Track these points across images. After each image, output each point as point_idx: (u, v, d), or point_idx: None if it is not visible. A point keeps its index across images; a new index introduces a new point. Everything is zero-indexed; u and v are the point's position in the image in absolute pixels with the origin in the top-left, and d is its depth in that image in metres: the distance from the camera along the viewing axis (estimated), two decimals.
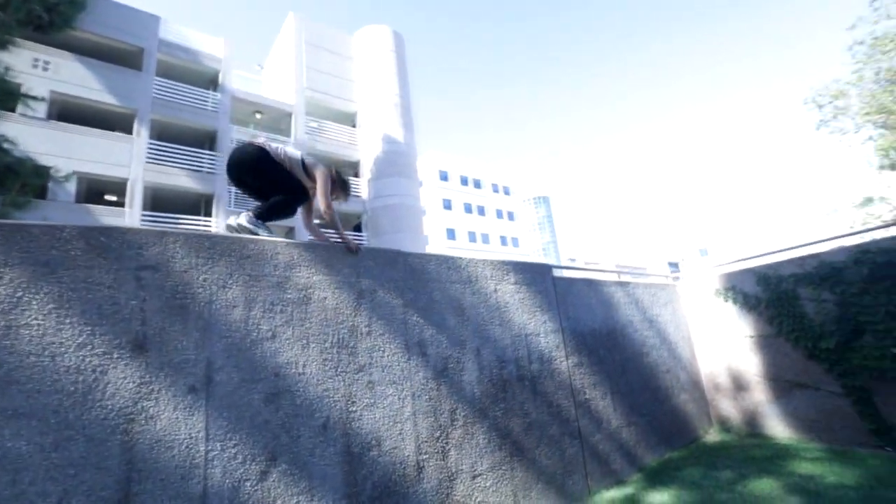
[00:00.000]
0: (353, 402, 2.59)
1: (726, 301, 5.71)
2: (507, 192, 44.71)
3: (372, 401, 2.66)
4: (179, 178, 13.39)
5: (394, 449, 2.66)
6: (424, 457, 2.79)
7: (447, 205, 34.90)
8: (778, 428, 5.14)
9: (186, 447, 2.02)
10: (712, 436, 5.35)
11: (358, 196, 16.30)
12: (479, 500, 2.97)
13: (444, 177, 35.70)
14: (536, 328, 3.86)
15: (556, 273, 4.39)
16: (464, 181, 36.95)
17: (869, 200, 20.78)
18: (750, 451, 4.45)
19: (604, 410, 4.18)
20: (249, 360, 2.31)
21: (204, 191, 13.80)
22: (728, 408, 5.58)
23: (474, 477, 2.99)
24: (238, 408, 2.20)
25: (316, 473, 2.33)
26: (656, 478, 3.94)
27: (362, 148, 17.21)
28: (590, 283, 4.72)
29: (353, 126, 18.07)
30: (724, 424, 5.57)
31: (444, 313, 3.23)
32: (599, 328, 4.56)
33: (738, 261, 5.87)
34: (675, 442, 4.86)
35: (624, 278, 5.26)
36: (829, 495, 3.23)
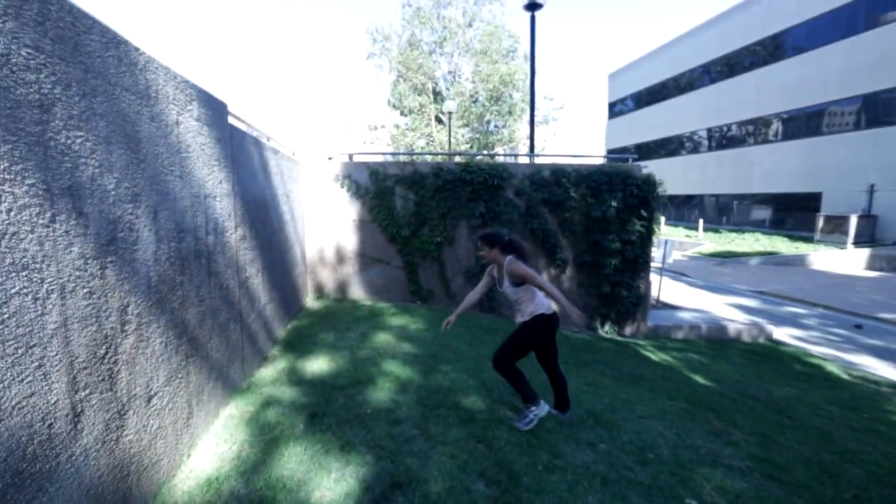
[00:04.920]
0: None
1: (342, 187, 6.27)
2: None
3: None
4: None
5: (27, 399, 1.31)
6: (84, 394, 1.55)
7: None
8: (358, 292, 6.42)
9: None
10: (311, 302, 5.97)
11: None
12: (155, 427, 2.01)
13: None
14: (213, 188, 2.80)
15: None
16: None
17: (376, 127, 27.73)
18: (352, 312, 5.36)
19: (257, 288, 3.72)
20: None
21: None
22: (325, 278, 6.35)
23: (150, 399, 1.97)
24: None
25: None
26: (298, 347, 4.04)
27: None
28: (257, 142, 3.85)
29: None
30: (320, 292, 6.33)
31: (112, 141, 1.74)
32: (259, 197, 3.89)
33: (358, 154, 6.51)
34: (292, 310, 5.07)
35: (272, 144, 4.59)
36: (421, 338, 4.51)
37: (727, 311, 9.11)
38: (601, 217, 6.54)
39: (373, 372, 3.49)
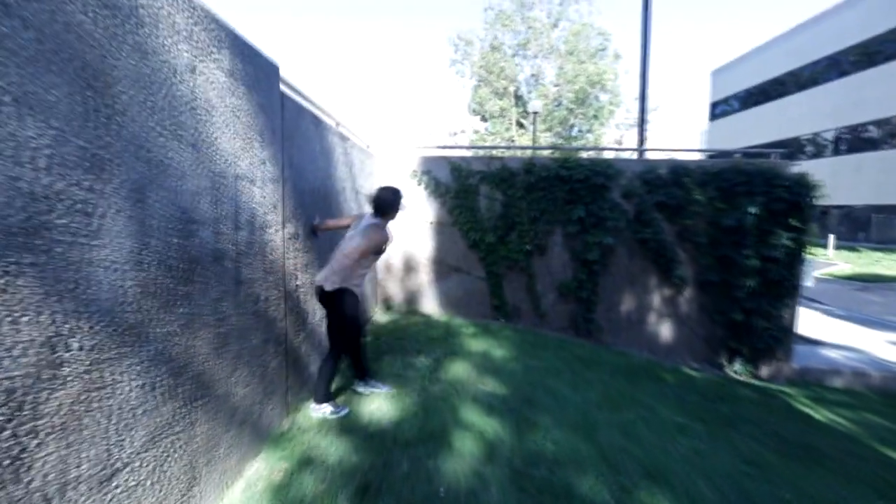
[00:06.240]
0: None
1: (419, 184, 5.54)
2: None
3: None
4: None
5: None
6: None
7: None
8: (431, 305, 5.64)
9: None
10: (380, 315, 5.29)
11: None
12: None
13: None
14: (251, 170, 2.13)
15: (283, 88, 2.62)
16: None
17: (457, 133, 27.15)
18: (424, 331, 4.55)
19: (311, 300, 3.05)
20: None
21: None
22: (394, 287, 5.66)
23: (112, 476, 1.27)
24: None
25: None
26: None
27: None
28: (318, 121, 3.21)
29: None
30: (388, 303, 5.64)
31: (39, 61, 1.06)
32: (319, 188, 3.24)
33: (437, 147, 5.76)
34: None
35: (341, 129, 3.98)
36: (508, 370, 3.57)
37: (890, 350, 7.00)
38: (735, 226, 5.15)
39: (447, 420, 2.62)
